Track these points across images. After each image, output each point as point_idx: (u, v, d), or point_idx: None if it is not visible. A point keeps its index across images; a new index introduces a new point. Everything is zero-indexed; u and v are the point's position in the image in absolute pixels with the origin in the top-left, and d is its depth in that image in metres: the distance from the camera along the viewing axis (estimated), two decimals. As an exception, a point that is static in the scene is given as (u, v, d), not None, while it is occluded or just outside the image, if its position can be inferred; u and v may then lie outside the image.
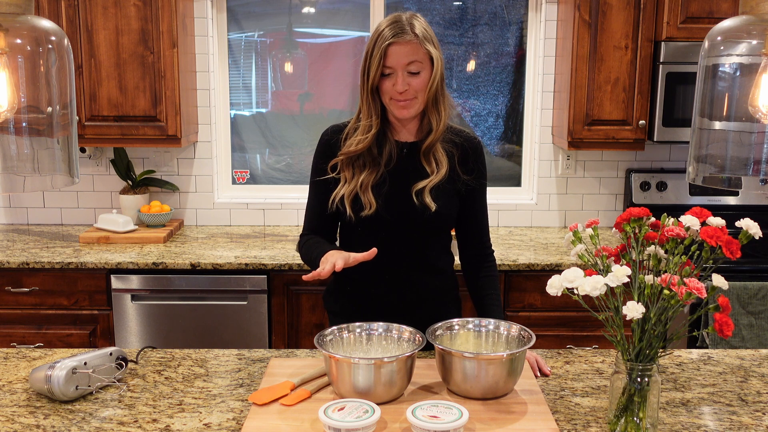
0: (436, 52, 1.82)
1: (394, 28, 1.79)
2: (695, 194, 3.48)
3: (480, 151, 1.96)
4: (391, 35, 1.78)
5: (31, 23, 1.30)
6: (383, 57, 1.79)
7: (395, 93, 1.81)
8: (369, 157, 1.88)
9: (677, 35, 3.08)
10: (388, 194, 1.87)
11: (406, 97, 1.81)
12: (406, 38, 1.78)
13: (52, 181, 1.38)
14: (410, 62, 1.79)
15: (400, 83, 1.79)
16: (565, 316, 3.00)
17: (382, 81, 1.82)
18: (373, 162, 1.88)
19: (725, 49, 1.38)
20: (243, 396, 1.65)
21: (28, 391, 1.66)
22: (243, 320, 3.01)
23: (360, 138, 1.86)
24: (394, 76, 1.80)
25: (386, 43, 1.78)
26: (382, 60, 1.79)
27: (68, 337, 3.01)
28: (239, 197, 3.64)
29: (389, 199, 1.87)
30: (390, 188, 1.87)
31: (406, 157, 1.90)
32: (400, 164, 1.90)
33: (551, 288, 1.38)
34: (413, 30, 1.79)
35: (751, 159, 1.41)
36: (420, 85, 1.81)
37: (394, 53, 1.78)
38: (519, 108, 3.66)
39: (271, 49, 3.66)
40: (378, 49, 1.79)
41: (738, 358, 1.90)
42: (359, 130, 1.87)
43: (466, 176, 1.92)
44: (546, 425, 1.51)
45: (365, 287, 1.94)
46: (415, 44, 1.79)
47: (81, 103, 3.15)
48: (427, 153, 1.88)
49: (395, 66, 1.79)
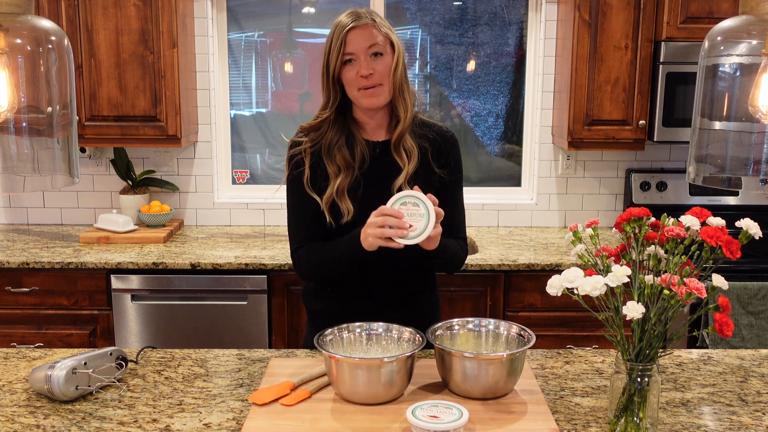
0: (395, 37, 1.82)
1: (352, 15, 1.80)
2: (695, 194, 3.48)
3: (455, 144, 1.94)
4: (350, 21, 1.78)
5: (31, 23, 1.30)
6: (343, 44, 1.78)
7: (360, 80, 1.79)
8: (342, 161, 1.85)
9: (677, 35, 3.08)
10: (363, 197, 1.84)
11: (373, 83, 1.79)
12: (364, 21, 1.79)
13: (52, 181, 1.38)
14: (371, 45, 1.78)
15: (363, 67, 1.78)
16: (565, 316, 3.00)
17: (345, 71, 1.81)
18: (347, 165, 1.85)
19: (725, 49, 1.38)
20: (243, 396, 1.65)
21: (28, 391, 1.66)
22: (243, 320, 3.01)
23: (319, 113, 1.87)
24: (356, 62, 1.79)
25: (345, 30, 1.78)
26: (342, 47, 1.78)
27: (68, 337, 3.01)
28: (239, 197, 3.64)
29: (365, 202, 1.82)
30: (365, 190, 1.85)
31: (378, 156, 1.88)
32: (373, 164, 1.88)
33: (551, 288, 1.38)
34: (371, 17, 1.80)
35: (751, 159, 1.41)
36: (384, 70, 1.79)
37: (354, 38, 1.78)
38: (519, 108, 3.66)
39: (271, 49, 3.66)
40: (337, 38, 1.78)
41: (738, 358, 1.90)
42: (319, 110, 1.88)
43: (441, 170, 1.90)
44: (546, 425, 1.51)
45: (346, 286, 1.93)
46: (374, 27, 1.79)
47: (81, 103, 3.15)
48: (397, 146, 1.86)
49: (356, 51, 1.78)
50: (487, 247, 3.19)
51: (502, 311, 3.02)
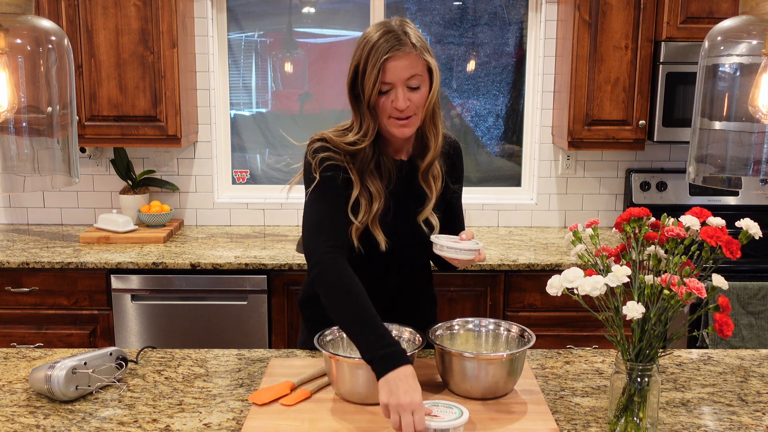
0: (434, 63, 1.68)
1: (390, 40, 1.62)
2: (695, 194, 3.48)
3: (461, 155, 1.92)
4: (388, 48, 1.61)
5: (31, 23, 1.30)
6: (381, 72, 1.62)
7: (394, 111, 1.66)
8: (376, 189, 1.73)
9: (677, 35, 3.08)
10: (393, 223, 1.76)
11: (407, 114, 1.66)
12: (405, 50, 1.62)
13: (52, 181, 1.38)
14: (411, 76, 1.64)
15: (401, 100, 1.64)
16: (565, 316, 3.00)
17: (378, 98, 1.66)
18: (380, 193, 1.73)
19: (725, 49, 1.38)
20: (243, 396, 1.65)
21: (28, 391, 1.66)
22: (243, 320, 3.01)
23: (353, 139, 1.71)
24: (392, 92, 1.64)
25: (384, 58, 1.61)
26: (379, 75, 1.62)
27: (68, 337, 3.01)
28: (239, 197, 3.64)
29: (395, 228, 1.77)
30: (394, 216, 1.76)
31: (405, 177, 1.80)
32: (400, 185, 1.78)
33: (551, 288, 1.38)
34: (410, 40, 1.64)
35: (751, 159, 1.41)
36: (420, 101, 1.66)
37: (394, 68, 1.62)
38: (519, 108, 3.66)
39: (271, 49, 3.66)
40: (374, 64, 1.62)
41: (738, 358, 1.90)
42: (352, 135, 1.73)
43: (455, 185, 1.89)
44: (546, 425, 1.51)
45: None
46: (414, 56, 1.63)
47: (81, 103, 3.15)
48: (425, 173, 1.78)
49: (395, 82, 1.63)
50: (487, 247, 3.19)
51: (502, 311, 3.02)
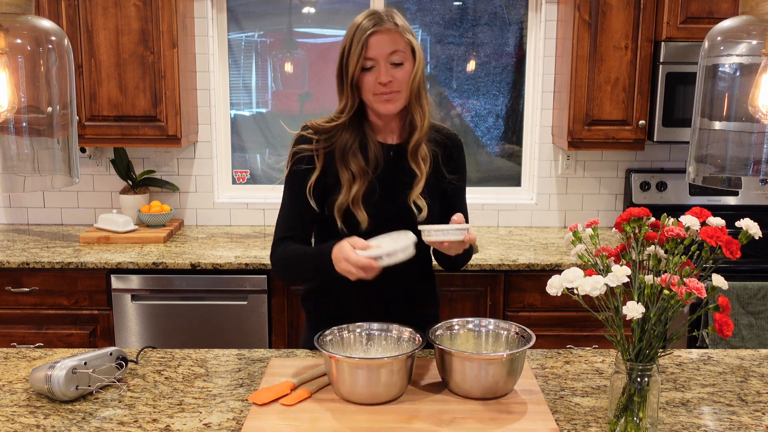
0: (417, 43, 1.75)
1: (373, 18, 1.70)
2: (695, 194, 3.48)
3: (462, 149, 1.93)
4: (371, 24, 1.69)
5: (31, 23, 1.30)
6: (364, 48, 1.69)
7: (378, 86, 1.72)
8: (357, 168, 1.78)
9: (677, 35, 3.08)
10: (378, 204, 1.80)
11: (391, 89, 1.72)
12: (387, 26, 1.70)
13: (52, 181, 1.38)
14: (393, 51, 1.71)
15: (383, 74, 1.70)
16: (565, 316, 3.00)
17: (363, 76, 1.73)
18: (363, 173, 1.79)
19: (725, 49, 1.38)
20: (243, 396, 1.65)
21: (28, 391, 1.66)
22: (243, 320, 3.01)
23: (333, 116, 1.79)
24: (375, 68, 1.71)
25: (366, 34, 1.68)
26: (363, 51, 1.69)
27: (68, 337, 3.01)
28: (239, 197, 3.64)
29: (380, 209, 1.80)
30: (380, 197, 1.80)
31: (393, 160, 1.84)
32: (387, 168, 1.82)
33: (551, 288, 1.38)
34: (393, 20, 1.72)
35: (751, 159, 1.41)
36: (404, 77, 1.73)
37: (376, 43, 1.69)
38: (519, 108, 3.66)
39: (271, 49, 3.66)
40: (357, 41, 1.69)
41: (738, 358, 1.90)
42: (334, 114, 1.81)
43: (451, 175, 1.89)
44: (546, 425, 1.51)
45: (349, 289, 1.87)
46: (396, 33, 1.71)
47: (81, 103, 3.15)
48: (414, 153, 1.81)
49: (377, 56, 1.70)
50: (487, 247, 3.19)
51: (502, 311, 3.02)
